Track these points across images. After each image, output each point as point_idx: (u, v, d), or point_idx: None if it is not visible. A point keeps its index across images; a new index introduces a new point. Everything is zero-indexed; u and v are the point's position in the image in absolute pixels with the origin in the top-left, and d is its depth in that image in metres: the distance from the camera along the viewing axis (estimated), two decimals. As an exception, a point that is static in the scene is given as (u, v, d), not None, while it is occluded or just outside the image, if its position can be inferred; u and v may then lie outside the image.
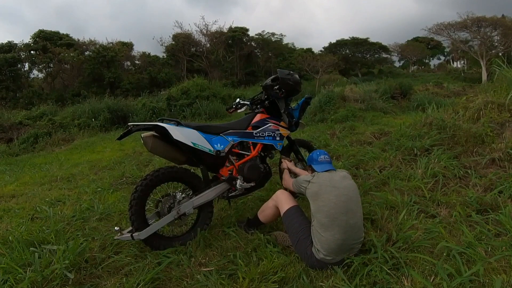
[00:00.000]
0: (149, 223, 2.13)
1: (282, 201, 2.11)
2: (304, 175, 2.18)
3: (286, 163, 2.61)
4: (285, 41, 28.63)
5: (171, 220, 2.16)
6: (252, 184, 2.45)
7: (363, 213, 2.36)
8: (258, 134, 2.54)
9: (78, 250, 2.02)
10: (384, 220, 2.24)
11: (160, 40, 26.95)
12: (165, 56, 26.00)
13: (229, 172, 2.42)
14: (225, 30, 25.68)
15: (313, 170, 2.14)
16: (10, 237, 2.31)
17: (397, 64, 37.44)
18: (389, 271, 1.70)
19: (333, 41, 31.84)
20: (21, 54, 21.30)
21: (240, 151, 2.51)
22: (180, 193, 2.28)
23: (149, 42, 73.22)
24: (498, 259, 1.69)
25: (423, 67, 38.92)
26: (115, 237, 2.09)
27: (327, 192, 1.87)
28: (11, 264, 1.88)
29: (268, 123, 2.60)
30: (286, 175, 2.48)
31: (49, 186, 4.28)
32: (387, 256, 1.80)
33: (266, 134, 2.56)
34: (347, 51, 31.34)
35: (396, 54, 33.72)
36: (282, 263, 1.86)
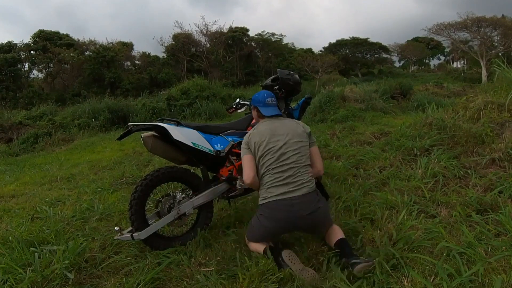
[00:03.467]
0: (149, 223, 2.13)
1: None
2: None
3: None
4: (285, 41, 28.66)
5: (171, 220, 2.16)
6: (252, 184, 2.45)
7: (363, 213, 2.38)
8: (258, 134, 2.53)
9: (78, 250, 2.03)
10: (384, 220, 2.24)
11: (160, 40, 26.91)
12: (165, 56, 25.97)
13: (229, 172, 2.42)
14: (225, 30, 25.68)
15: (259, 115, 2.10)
16: (10, 237, 2.31)
17: (397, 64, 37.48)
18: (389, 271, 1.70)
19: (333, 41, 31.84)
20: (21, 54, 21.26)
21: (240, 151, 2.50)
22: (180, 193, 2.28)
23: (149, 42, 73.31)
24: (498, 259, 1.69)
25: (423, 67, 38.90)
26: (115, 237, 2.10)
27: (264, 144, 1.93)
28: (11, 264, 1.89)
29: (268, 123, 2.59)
30: None
31: (49, 186, 4.28)
32: (387, 256, 1.79)
33: (266, 134, 2.56)
34: (347, 51, 31.28)
35: (396, 54, 33.75)
36: (282, 263, 1.84)
